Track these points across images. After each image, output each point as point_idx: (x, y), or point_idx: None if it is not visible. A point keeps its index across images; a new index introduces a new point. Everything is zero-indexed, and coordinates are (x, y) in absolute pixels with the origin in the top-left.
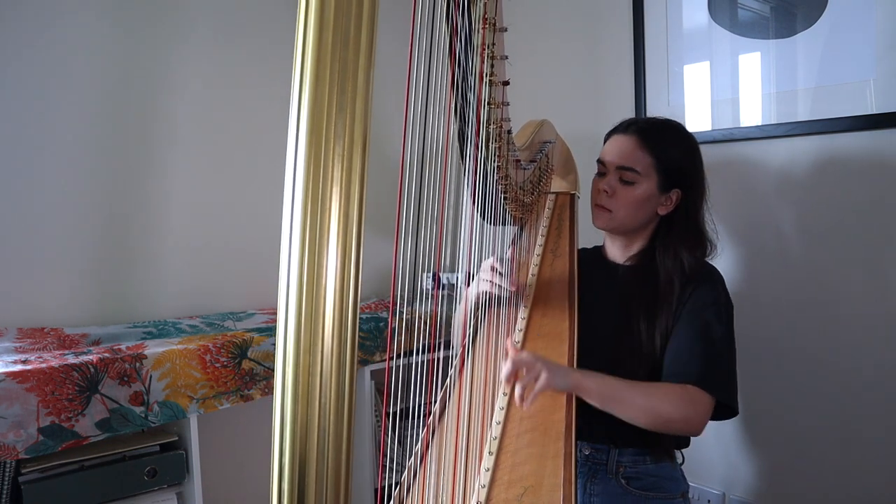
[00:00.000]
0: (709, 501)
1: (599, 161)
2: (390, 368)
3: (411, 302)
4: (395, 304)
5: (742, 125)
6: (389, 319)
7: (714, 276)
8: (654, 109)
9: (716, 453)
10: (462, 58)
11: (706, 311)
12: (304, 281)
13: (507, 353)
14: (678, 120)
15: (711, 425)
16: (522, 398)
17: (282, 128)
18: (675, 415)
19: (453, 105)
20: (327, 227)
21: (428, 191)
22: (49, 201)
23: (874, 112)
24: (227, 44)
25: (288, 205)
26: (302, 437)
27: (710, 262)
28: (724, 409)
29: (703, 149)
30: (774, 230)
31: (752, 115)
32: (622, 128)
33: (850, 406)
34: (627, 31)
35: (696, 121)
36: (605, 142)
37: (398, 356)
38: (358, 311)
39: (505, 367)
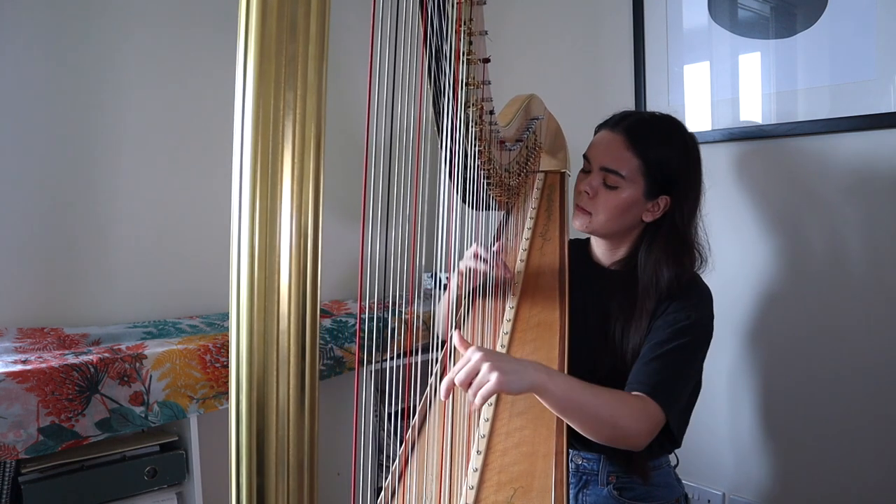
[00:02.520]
0: (709, 502)
1: (585, 157)
2: (363, 373)
3: (408, 301)
4: (362, 300)
5: (742, 125)
6: (357, 320)
7: (694, 289)
8: (654, 109)
9: (717, 453)
10: (435, 26)
11: (678, 325)
12: (254, 301)
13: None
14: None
15: (716, 423)
16: (475, 401)
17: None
18: (628, 428)
19: (427, 80)
20: (277, 242)
21: (408, 179)
22: (43, 200)
23: (875, 112)
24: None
25: (235, 219)
26: (259, 464)
27: (705, 272)
28: (669, 437)
29: (704, 149)
30: (773, 230)
31: (752, 115)
32: (611, 122)
33: (854, 408)
34: (627, 31)
35: (696, 121)
36: (595, 134)
37: (391, 357)
38: (317, 327)
39: (450, 372)
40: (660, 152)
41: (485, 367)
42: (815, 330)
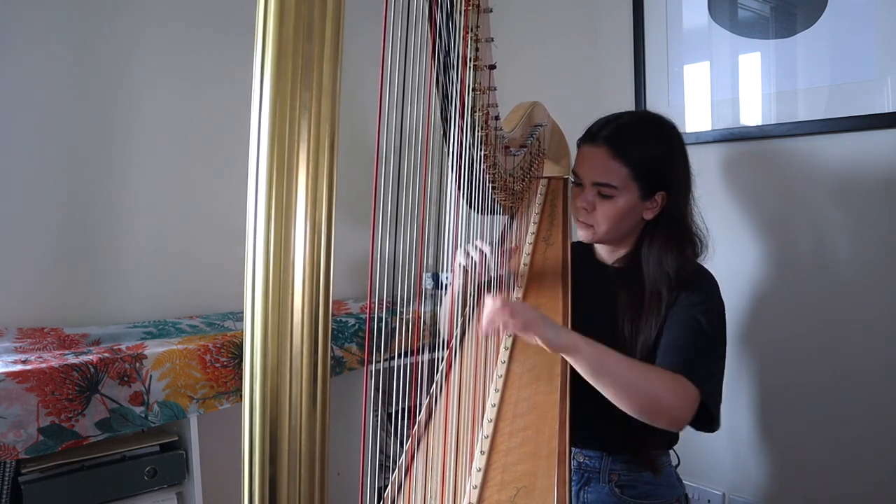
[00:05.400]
0: (709, 501)
1: (574, 172)
2: (371, 372)
3: (409, 301)
4: (372, 301)
5: (742, 125)
6: (367, 320)
7: (703, 278)
8: (654, 109)
9: (719, 453)
10: (444, 36)
11: (694, 310)
12: (269, 295)
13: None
14: (678, 119)
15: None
16: (491, 327)
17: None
18: (667, 400)
19: (434, 88)
20: (292, 237)
21: (414, 182)
22: (42, 200)
23: (875, 112)
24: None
25: (251, 215)
26: (272, 455)
27: (703, 264)
28: (704, 416)
29: (703, 149)
30: (773, 230)
31: (752, 115)
32: (590, 136)
33: (850, 406)
34: (627, 31)
35: (696, 121)
36: (577, 147)
37: (390, 357)
38: (329, 322)
39: (492, 303)
40: (644, 153)
41: (527, 315)
42: (811, 330)
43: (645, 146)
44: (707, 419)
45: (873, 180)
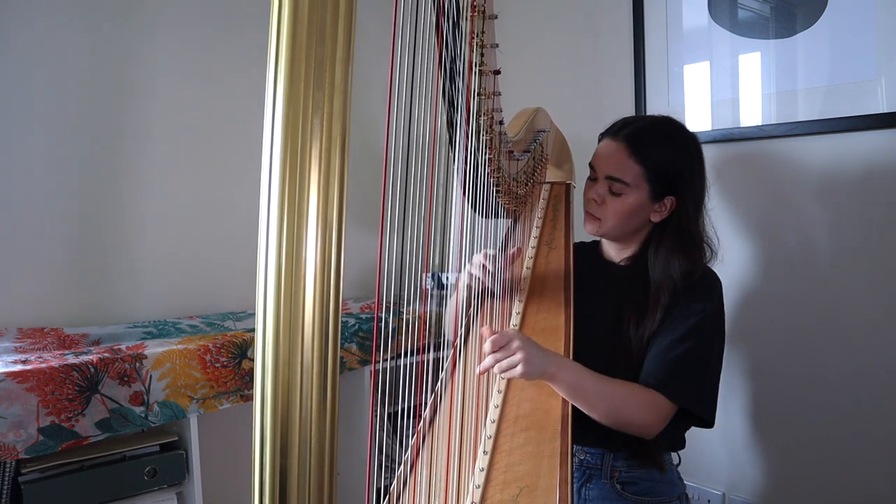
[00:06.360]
0: (709, 501)
1: (590, 165)
2: (376, 371)
3: (411, 301)
4: (380, 302)
5: (742, 125)
6: (375, 320)
7: (708, 284)
8: (654, 109)
9: (717, 453)
10: (450, 45)
11: (689, 320)
12: (281, 290)
13: (482, 338)
14: (679, 119)
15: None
16: (486, 368)
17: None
18: (636, 419)
19: (441, 97)
20: (304, 233)
21: (420, 186)
22: (42, 200)
23: (875, 112)
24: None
25: (264, 211)
26: (283, 446)
27: (711, 267)
28: (697, 418)
29: (703, 149)
30: (773, 230)
31: (752, 115)
32: (613, 131)
33: (856, 408)
34: (627, 31)
35: (696, 121)
36: (598, 141)
37: (393, 357)
38: (339, 317)
39: (486, 345)
40: (660, 157)
41: (518, 354)
42: (810, 329)
43: (663, 150)
44: (700, 421)
45: (874, 180)
